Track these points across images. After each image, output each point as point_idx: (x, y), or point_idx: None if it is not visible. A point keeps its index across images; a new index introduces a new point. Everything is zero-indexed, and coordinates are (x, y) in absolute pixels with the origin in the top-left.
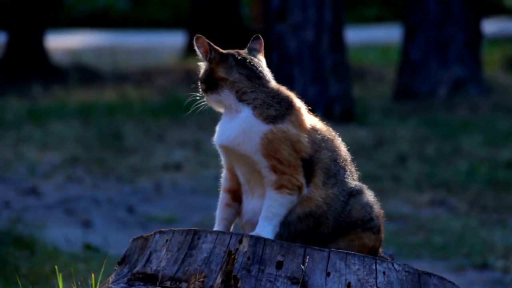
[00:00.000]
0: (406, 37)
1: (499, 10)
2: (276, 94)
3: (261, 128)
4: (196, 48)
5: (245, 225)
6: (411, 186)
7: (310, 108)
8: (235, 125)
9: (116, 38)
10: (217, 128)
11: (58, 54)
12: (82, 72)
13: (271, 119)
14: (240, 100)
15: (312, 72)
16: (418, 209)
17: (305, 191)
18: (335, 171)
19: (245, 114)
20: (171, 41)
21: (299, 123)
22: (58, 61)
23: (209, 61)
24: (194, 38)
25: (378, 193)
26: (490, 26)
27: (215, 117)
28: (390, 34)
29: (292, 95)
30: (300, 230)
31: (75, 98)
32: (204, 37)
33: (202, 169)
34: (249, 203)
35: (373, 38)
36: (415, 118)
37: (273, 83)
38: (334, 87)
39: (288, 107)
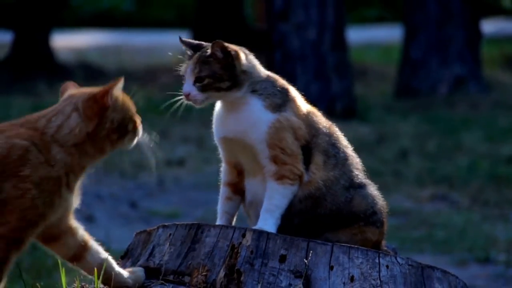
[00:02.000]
0: (407, 37)
1: (497, 11)
2: (275, 81)
3: (268, 117)
4: (215, 52)
5: (249, 208)
6: (412, 182)
7: (313, 105)
8: (243, 116)
9: (121, 38)
10: (216, 121)
11: (63, 53)
12: (87, 70)
13: (277, 108)
14: (252, 90)
15: (314, 70)
16: (420, 204)
17: (305, 178)
18: (334, 153)
19: (254, 103)
20: (175, 40)
21: (297, 110)
22: (63, 59)
23: (231, 59)
24: (212, 44)
25: (380, 189)
26: (489, 27)
27: None
28: (391, 34)
29: (285, 82)
30: (299, 210)
31: None
32: (221, 41)
33: (204, 164)
34: (252, 185)
35: (375, 38)
36: (416, 115)
37: (266, 71)
38: (336, 85)
39: (286, 94)
